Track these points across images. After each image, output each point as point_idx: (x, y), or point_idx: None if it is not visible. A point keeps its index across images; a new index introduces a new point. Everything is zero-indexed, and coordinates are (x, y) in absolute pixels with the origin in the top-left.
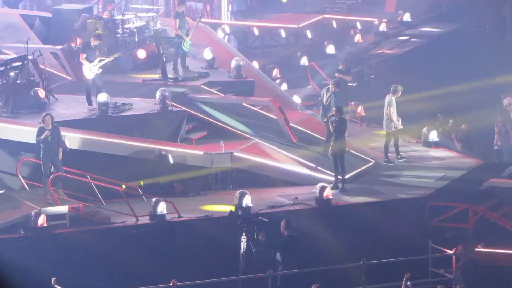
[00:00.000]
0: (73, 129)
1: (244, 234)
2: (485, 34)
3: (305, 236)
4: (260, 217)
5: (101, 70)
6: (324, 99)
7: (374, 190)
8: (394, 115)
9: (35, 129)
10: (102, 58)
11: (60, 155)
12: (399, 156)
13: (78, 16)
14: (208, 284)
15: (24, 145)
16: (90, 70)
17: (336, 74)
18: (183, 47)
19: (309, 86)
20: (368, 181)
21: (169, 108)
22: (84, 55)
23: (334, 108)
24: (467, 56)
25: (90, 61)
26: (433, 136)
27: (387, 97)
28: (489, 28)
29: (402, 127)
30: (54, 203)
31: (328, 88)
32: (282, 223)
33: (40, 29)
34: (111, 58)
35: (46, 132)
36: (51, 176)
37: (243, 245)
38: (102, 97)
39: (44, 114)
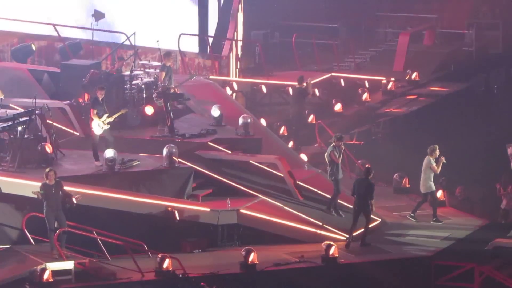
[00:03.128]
0: (80, 184)
1: None
2: (493, 94)
3: None
4: (202, 283)
5: (109, 125)
6: (334, 158)
7: (379, 249)
8: (432, 175)
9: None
10: (109, 114)
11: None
12: (412, 215)
13: (87, 71)
14: None
15: (30, 200)
16: (99, 125)
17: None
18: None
19: (316, 144)
20: (374, 240)
21: (176, 165)
22: (95, 111)
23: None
24: (476, 115)
25: (100, 117)
26: (439, 195)
27: (426, 159)
28: (497, 88)
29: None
30: (60, 258)
31: (334, 146)
32: None
33: (48, 84)
34: (118, 114)
35: (37, 192)
36: (57, 232)
37: None
38: (109, 152)
39: (47, 169)
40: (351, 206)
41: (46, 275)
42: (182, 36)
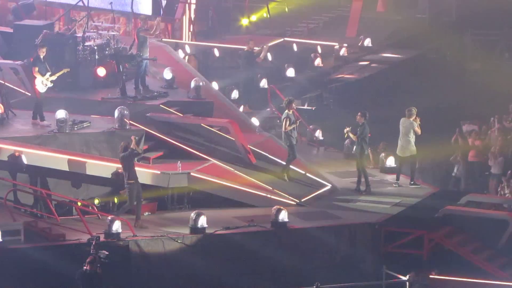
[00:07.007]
0: (30, 145)
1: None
2: (445, 62)
3: (260, 258)
4: (105, 252)
5: (52, 84)
6: (286, 126)
7: (329, 214)
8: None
9: None
10: (51, 72)
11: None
12: (412, 182)
13: (40, 32)
14: None
15: None
16: (42, 83)
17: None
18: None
19: (268, 109)
20: (324, 205)
21: (127, 127)
22: (36, 69)
23: (359, 113)
24: (427, 83)
25: (42, 75)
26: (391, 162)
27: (407, 121)
28: (450, 55)
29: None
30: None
31: (287, 112)
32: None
33: (1, 44)
34: (61, 73)
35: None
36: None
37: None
38: (61, 113)
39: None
40: (303, 172)
41: None
42: None
